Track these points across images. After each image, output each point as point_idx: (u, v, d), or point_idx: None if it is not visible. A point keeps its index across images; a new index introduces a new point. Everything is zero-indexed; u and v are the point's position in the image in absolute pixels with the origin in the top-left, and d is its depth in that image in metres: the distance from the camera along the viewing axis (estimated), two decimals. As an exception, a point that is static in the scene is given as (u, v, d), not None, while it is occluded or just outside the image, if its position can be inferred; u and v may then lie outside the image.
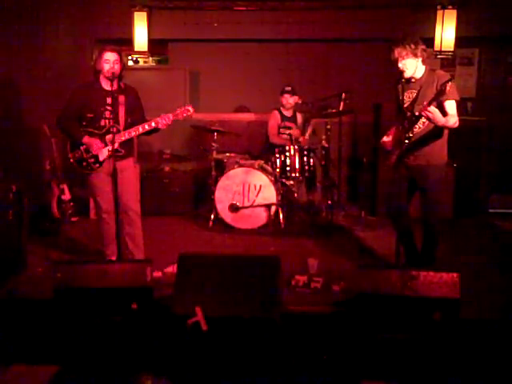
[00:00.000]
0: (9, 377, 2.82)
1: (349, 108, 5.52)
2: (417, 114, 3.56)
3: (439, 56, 6.29)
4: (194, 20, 6.48)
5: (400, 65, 3.64)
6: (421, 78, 3.70)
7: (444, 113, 3.49)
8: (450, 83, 3.27)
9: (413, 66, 3.65)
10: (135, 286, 3.10)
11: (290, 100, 5.74)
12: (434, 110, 3.38)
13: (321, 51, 6.73)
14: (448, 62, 6.66)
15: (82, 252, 4.60)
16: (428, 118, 3.46)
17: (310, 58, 6.73)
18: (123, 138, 3.85)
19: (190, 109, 3.90)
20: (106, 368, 2.89)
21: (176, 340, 2.99)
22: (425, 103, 3.40)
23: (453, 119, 3.51)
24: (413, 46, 3.58)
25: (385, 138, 3.93)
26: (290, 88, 5.74)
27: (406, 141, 3.60)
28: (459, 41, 6.17)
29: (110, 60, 3.80)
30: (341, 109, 5.43)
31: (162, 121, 3.83)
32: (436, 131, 3.65)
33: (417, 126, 3.66)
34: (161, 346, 2.98)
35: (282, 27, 6.49)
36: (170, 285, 3.31)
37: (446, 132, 3.69)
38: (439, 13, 6.17)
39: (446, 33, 6.16)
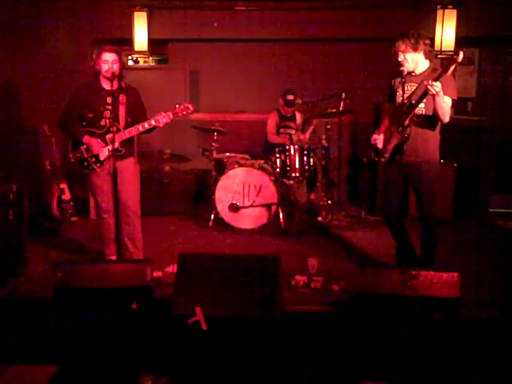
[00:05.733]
0: (8, 377, 2.81)
1: (349, 108, 5.51)
2: (413, 102, 3.53)
3: (439, 56, 6.28)
4: (194, 20, 6.47)
5: (399, 58, 3.63)
6: (423, 72, 3.67)
7: None
8: (456, 56, 3.23)
9: (413, 61, 3.63)
10: (135, 286, 3.10)
11: (290, 108, 5.72)
12: (438, 85, 3.30)
13: (321, 51, 6.72)
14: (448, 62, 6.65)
15: (81, 252, 4.60)
16: (432, 95, 3.37)
17: (310, 58, 6.73)
18: (123, 137, 3.86)
19: (190, 106, 3.89)
20: (106, 368, 2.89)
21: (176, 340, 2.99)
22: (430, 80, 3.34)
23: (448, 111, 3.48)
24: (413, 41, 3.57)
25: (375, 136, 3.89)
26: (292, 97, 5.60)
27: (405, 130, 3.56)
28: (459, 41, 6.17)
29: (108, 60, 3.81)
30: (341, 109, 5.43)
31: (162, 119, 3.83)
32: (429, 125, 3.61)
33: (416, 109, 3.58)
34: (161, 346, 2.98)
35: (282, 27, 6.48)
36: (170, 285, 3.31)
37: (438, 128, 3.66)
38: (439, 13, 6.16)
39: (445, 33, 6.15)
